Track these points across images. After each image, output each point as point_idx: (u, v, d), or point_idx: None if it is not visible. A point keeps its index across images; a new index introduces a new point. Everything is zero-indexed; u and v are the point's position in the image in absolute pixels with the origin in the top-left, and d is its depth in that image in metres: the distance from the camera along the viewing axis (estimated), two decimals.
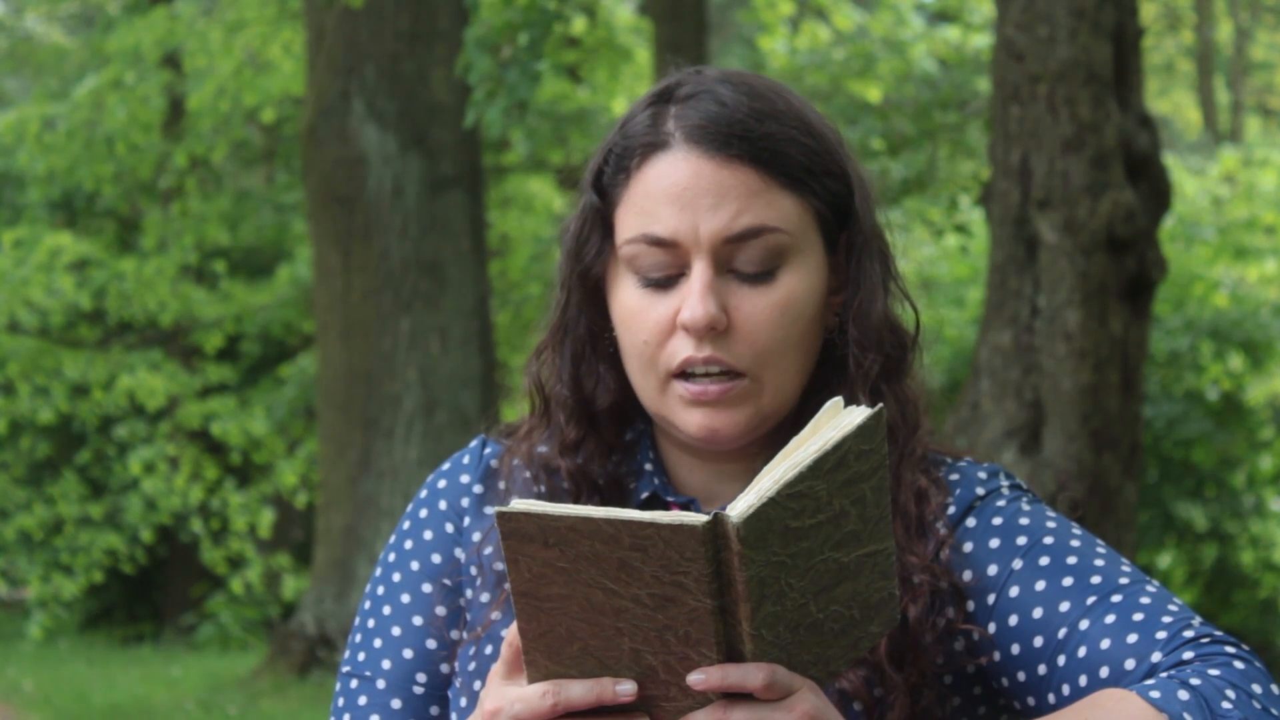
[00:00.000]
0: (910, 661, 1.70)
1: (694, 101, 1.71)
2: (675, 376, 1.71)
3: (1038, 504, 1.76)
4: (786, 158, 1.70)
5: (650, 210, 1.69)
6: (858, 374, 1.74)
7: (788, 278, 1.70)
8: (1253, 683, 1.59)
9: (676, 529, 1.42)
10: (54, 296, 15.38)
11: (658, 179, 1.69)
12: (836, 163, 1.74)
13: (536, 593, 1.48)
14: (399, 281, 10.92)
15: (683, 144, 1.69)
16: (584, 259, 1.75)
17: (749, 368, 1.70)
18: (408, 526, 1.85)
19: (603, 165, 1.74)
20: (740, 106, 1.70)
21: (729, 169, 1.68)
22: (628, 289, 1.72)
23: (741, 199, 1.68)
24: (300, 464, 15.54)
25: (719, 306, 1.68)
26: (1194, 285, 11.18)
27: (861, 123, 14.16)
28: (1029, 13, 6.04)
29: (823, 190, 1.72)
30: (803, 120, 1.73)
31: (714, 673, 1.47)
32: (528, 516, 1.45)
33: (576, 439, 1.79)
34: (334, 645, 11.02)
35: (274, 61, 14.67)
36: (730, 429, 1.71)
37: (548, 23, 7.28)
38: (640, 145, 1.71)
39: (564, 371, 1.80)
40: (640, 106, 1.74)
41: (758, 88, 1.73)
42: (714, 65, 12.29)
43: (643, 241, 1.69)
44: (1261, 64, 23.17)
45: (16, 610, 18.00)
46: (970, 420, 6.06)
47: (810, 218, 1.72)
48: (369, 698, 1.80)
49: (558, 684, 1.50)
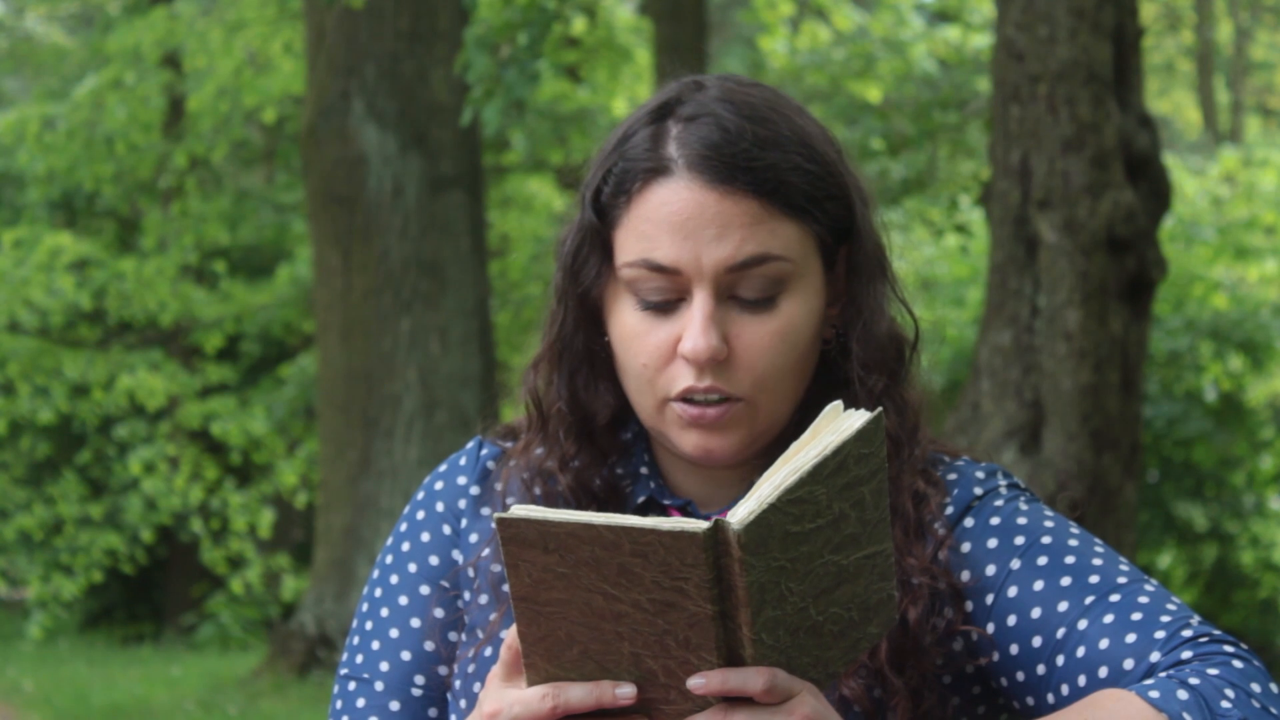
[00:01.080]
0: (911, 665, 1.70)
1: (695, 126, 1.69)
2: (674, 400, 1.71)
3: (1036, 503, 1.76)
4: (790, 187, 1.68)
5: (651, 236, 1.68)
6: (861, 391, 1.75)
7: (788, 304, 1.70)
8: (1252, 682, 1.58)
9: (677, 536, 1.42)
10: (54, 296, 15.38)
11: (660, 206, 1.68)
12: (838, 185, 1.73)
13: (536, 597, 1.48)
14: (399, 281, 10.92)
15: (685, 172, 1.67)
16: (582, 281, 1.74)
17: (747, 393, 1.70)
18: (405, 529, 1.85)
19: (601, 184, 1.72)
20: (744, 134, 1.68)
21: (732, 199, 1.67)
22: (627, 310, 1.72)
23: (744, 229, 1.67)
24: (300, 464, 15.55)
25: (720, 338, 1.67)
26: (1194, 285, 11.18)
27: (861, 123, 14.16)
28: (1029, 13, 6.04)
29: (824, 215, 1.72)
30: (805, 144, 1.71)
31: (714, 677, 1.47)
32: (528, 522, 1.45)
33: (575, 452, 1.79)
34: (334, 645, 11.02)
35: (274, 61, 14.67)
36: (725, 450, 1.72)
37: (547, 22, 7.29)
38: (642, 170, 1.69)
39: (561, 388, 1.79)
40: (639, 123, 1.72)
41: (760, 110, 1.71)
42: (714, 66, 12.21)
43: (643, 266, 1.68)
44: (1261, 64, 23.17)
45: (16, 610, 18.00)
46: (970, 420, 6.06)
47: (811, 243, 1.71)
48: (367, 700, 1.80)
49: (557, 686, 1.51)
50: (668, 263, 1.67)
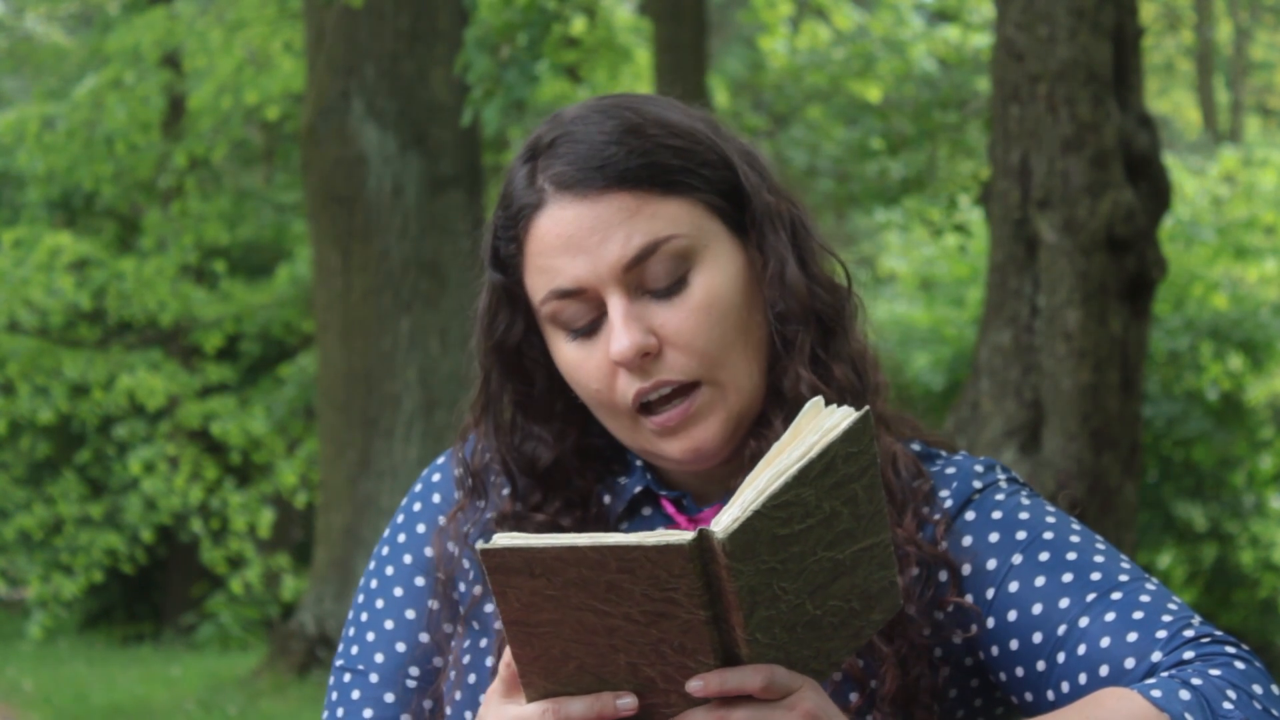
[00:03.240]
0: (899, 634, 1.69)
1: (554, 150, 1.72)
2: (639, 412, 1.71)
3: (1036, 498, 1.76)
4: (655, 166, 1.70)
5: (549, 267, 1.70)
6: (789, 348, 1.74)
7: (701, 278, 1.70)
8: (1253, 683, 1.58)
9: (663, 550, 1.42)
10: (54, 296, 15.38)
11: (544, 235, 1.70)
12: (711, 150, 1.73)
13: (527, 620, 1.48)
14: (399, 281, 10.92)
15: (555, 195, 1.70)
16: (495, 333, 1.77)
17: (700, 374, 1.70)
18: (401, 520, 1.86)
19: (495, 240, 1.76)
20: (593, 138, 1.70)
21: (604, 201, 1.69)
22: (561, 346, 1.73)
23: (625, 224, 1.68)
24: (300, 464, 15.55)
25: (643, 332, 1.68)
26: (1194, 285, 11.18)
27: (861, 123, 14.16)
28: (1029, 13, 6.04)
29: (704, 183, 1.72)
30: (661, 123, 1.72)
31: (712, 678, 1.47)
32: (512, 551, 1.45)
33: (533, 504, 1.79)
34: (334, 645, 11.03)
35: (274, 60, 14.66)
36: (711, 442, 1.71)
37: (547, 23, 7.29)
38: (520, 209, 1.72)
39: (494, 444, 1.81)
40: (515, 169, 1.75)
41: (608, 108, 1.73)
42: (714, 66, 12.21)
43: (554, 298, 1.70)
44: (1261, 64, 23.17)
45: (16, 610, 18.00)
46: (970, 420, 6.06)
47: (702, 211, 1.72)
48: (362, 691, 1.81)
49: (557, 702, 1.51)
50: (571, 285, 1.69)
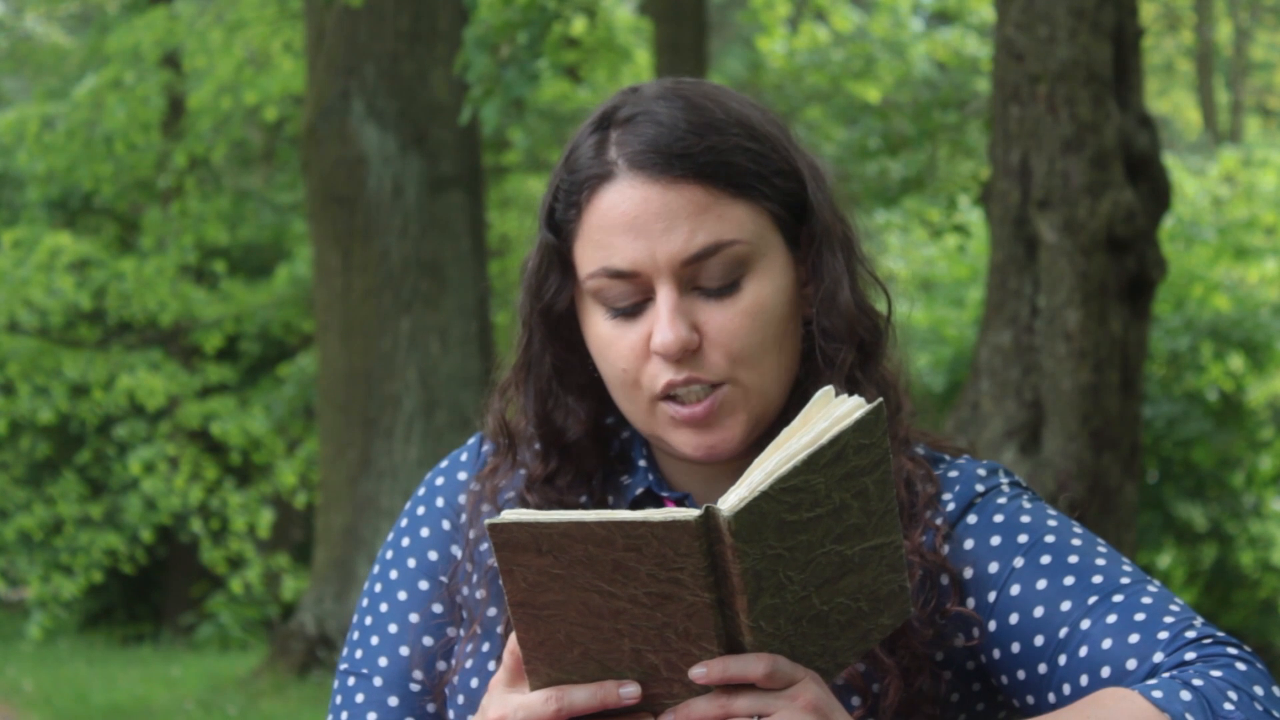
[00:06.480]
0: (902, 645, 1.70)
1: (633, 125, 1.70)
2: (661, 399, 1.71)
3: (1038, 501, 1.76)
4: (732, 167, 1.69)
5: (606, 243, 1.69)
6: (829, 365, 1.75)
7: (753, 285, 1.70)
8: (1255, 684, 1.59)
9: (669, 525, 1.43)
10: (54, 296, 15.38)
11: (608, 210, 1.69)
12: (785, 160, 1.74)
13: (533, 601, 1.48)
14: (399, 281, 10.92)
15: (627, 172, 1.69)
16: (544, 296, 1.76)
17: (728, 376, 1.70)
18: (405, 524, 1.86)
19: (554, 202, 1.74)
20: (678, 123, 1.69)
21: (675, 190, 1.68)
22: (598, 321, 1.73)
23: (693, 218, 1.68)
24: (300, 464, 15.55)
25: (688, 328, 1.68)
26: (1194, 285, 11.18)
27: (861, 123, 14.16)
28: (1029, 13, 6.04)
29: (774, 192, 1.72)
30: (744, 124, 1.72)
31: (715, 665, 1.48)
32: (519, 526, 1.45)
33: (550, 472, 1.80)
34: (334, 645, 11.02)
35: (274, 59, 14.66)
36: (727, 443, 1.72)
37: (547, 22, 7.29)
38: (587, 178, 1.71)
39: (530, 408, 1.80)
40: (583, 136, 1.74)
41: (694, 99, 1.72)
42: (714, 66, 12.24)
43: (604, 275, 1.70)
44: (1261, 64, 23.17)
45: (16, 610, 18.00)
46: (970, 420, 6.06)
47: (766, 220, 1.72)
48: (366, 695, 1.81)
49: (561, 689, 1.51)
50: (625, 267, 1.68)
